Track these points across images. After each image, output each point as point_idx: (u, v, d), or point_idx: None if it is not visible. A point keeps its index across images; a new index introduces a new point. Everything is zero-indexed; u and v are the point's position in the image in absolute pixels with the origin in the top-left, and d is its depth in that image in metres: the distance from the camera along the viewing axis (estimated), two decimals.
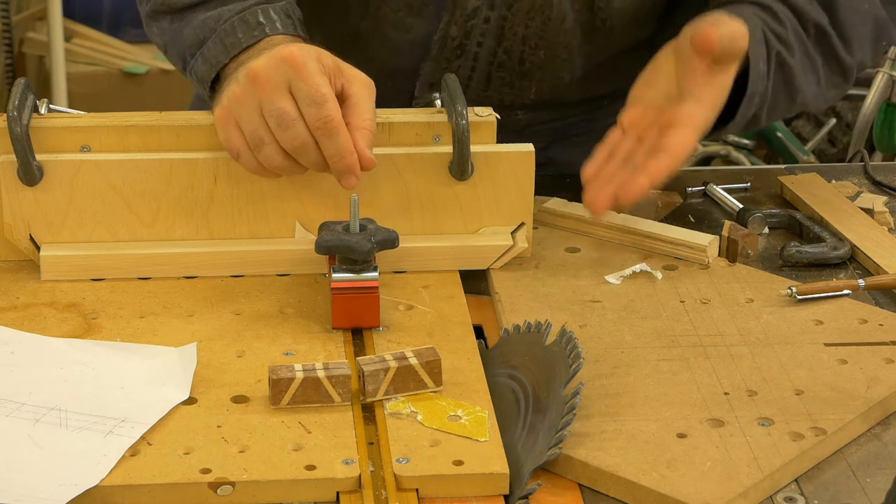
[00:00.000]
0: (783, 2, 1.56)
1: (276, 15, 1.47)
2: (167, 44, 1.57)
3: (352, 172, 1.37)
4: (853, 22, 1.58)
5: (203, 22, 1.50)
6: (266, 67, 1.37)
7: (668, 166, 1.44)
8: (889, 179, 1.72)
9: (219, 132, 1.40)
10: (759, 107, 1.54)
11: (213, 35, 1.48)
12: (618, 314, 1.40)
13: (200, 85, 1.50)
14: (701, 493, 1.14)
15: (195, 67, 1.50)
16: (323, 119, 1.35)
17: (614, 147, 1.49)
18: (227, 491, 1.15)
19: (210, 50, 1.48)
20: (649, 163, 1.44)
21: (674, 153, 1.44)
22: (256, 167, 1.40)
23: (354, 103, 1.39)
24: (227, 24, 1.47)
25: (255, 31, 1.46)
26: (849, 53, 1.58)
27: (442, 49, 1.65)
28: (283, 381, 1.23)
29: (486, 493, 1.16)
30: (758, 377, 1.30)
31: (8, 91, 2.88)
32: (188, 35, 1.51)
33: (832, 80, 1.60)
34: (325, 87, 1.36)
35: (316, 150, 1.37)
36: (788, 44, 1.54)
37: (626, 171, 1.46)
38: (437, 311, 1.40)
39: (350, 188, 1.38)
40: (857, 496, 1.16)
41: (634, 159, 1.47)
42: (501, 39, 1.64)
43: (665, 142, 1.45)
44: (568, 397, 1.20)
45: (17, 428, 1.21)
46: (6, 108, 1.42)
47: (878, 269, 1.50)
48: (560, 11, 1.63)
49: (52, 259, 1.44)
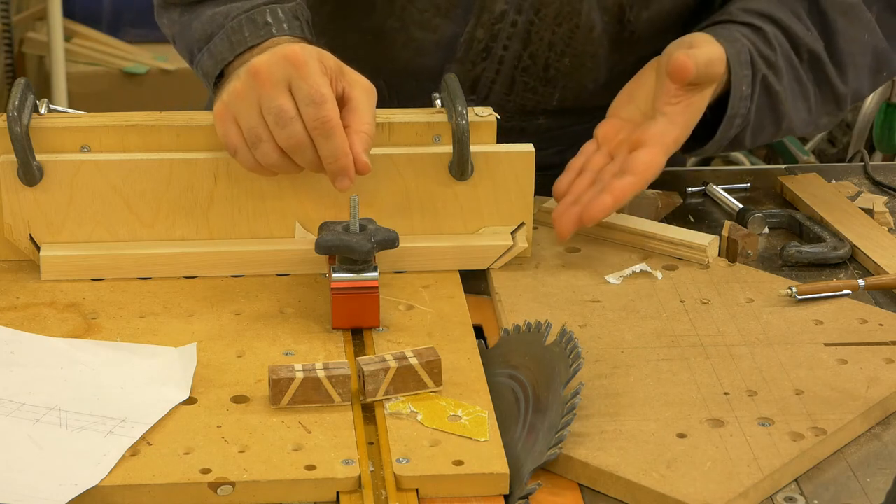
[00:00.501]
0: (779, 26, 1.56)
1: (283, 15, 1.47)
2: (175, 35, 1.57)
3: (346, 174, 1.37)
4: (851, 51, 1.58)
5: (212, 17, 1.50)
6: (268, 64, 1.37)
7: (632, 186, 1.47)
8: (889, 179, 1.72)
9: (217, 127, 1.40)
10: (740, 128, 1.55)
11: (221, 31, 1.48)
12: (618, 314, 1.40)
13: (205, 80, 1.50)
14: (701, 493, 1.14)
15: (201, 62, 1.50)
16: (320, 119, 1.35)
17: (587, 161, 1.52)
18: (227, 491, 1.15)
19: (216, 46, 1.48)
20: (615, 182, 1.46)
21: (639, 173, 1.47)
22: (253, 164, 1.40)
23: (354, 107, 1.39)
24: (234, 21, 1.47)
25: (261, 30, 1.46)
26: (843, 82, 1.58)
27: (467, 51, 1.64)
28: (283, 381, 1.23)
29: (486, 493, 1.16)
30: (758, 377, 1.30)
31: (8, 91, 2.88)
32: (196, 29, 1.51)
33: (825, 107, 1.60)
34: (325, 88, 1.36)
35: (312, 149, 1.37)
36: (776, 68, 1.54)
37: (593, 190, 1.48)
38: (437, 311, 1.40)
39: (343, 190, 1.38)
40: (857, 496, 1.16)
41: (603, 177, 1.49)
42: (528, 44, 1.64)
43: (631, 162, 1.47)
44: (568, 397, 1.20)
45: (17, 428, 1.21)
46: (6, 108, 1.42)
47: (878, 269, 1.50)
48: (589, 20, 1.62)
49: (52, 259, 1.44)
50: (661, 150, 1.49)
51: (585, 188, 1.49)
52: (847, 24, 1.57)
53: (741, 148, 1.60)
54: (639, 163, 1.47)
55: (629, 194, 1.47)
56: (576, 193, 1.49)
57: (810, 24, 1.57)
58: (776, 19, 1.56)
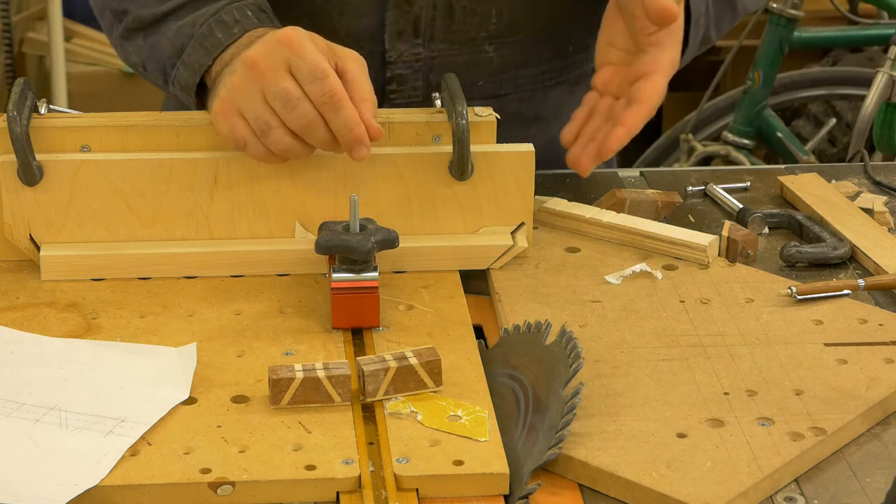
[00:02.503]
0: None
1: (250, 11, 1.48)
2: (145, 60, 1.57)
3: (362, 143, 1.37)
4: None
5: (178, 30, 1.50)
6: (263, 52, 1.38)
7: (641, 113, 1.50)
8: (889, 179, 1.72)
9: (220, 125, 1.40)
10: (706, 27, 1.57)
11: (192, 41, 1.48)
12: (618, 314, 1.40)
13: (185, 93, 1.50)
14: (701, 493, 1.14)
15: (177, 76, 1.50)
16: (328, 94, 1.35)
17: (593, 107, 1.56)
18: (227, 491, 1.15)
19: (191, 55, 1.48)
20: (625, 113, 1.50)
21: (646, 100, 1.50)
22: (264, 153, 1.40)
23: (351, 79, 1.39)
24: (203, 27, 1.48)
25: (233, 28, 1.47)
26: None
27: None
28: (283, 381, 1.23)
29: (486, 493, 1.16)
30: (758, 377, 1.30)
31: (8, 91, 2.88)
32: (165, 46, 1.52)
33: None
34: (325, 63, 1.36)
35: (324, 126, 1.37)
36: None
37: (605, 128, 1.52)
38: (437, 311, 1.40)
39: (361, 159, 1.38)
40: (857, 496, 1.16)
41: (613, 113, 1.52)
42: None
43: (635, 92, 1.50)
44: (568, 397, 1.20)
45: (17, 428, 1.21)
46: (6, 108, 1.42)
47: (878, 269, 1.50)
48: None
49: (52, 259, 1.44)
50: (661, 74, 1.51)
51: (597, 128, 1.53)
52: None
53: (708, 45, 1.64)
54: (642, 90, 1.50)
55: (640, 122, 1.50)
56: (589, 133, 1.53)
57: None
58: None
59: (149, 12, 1.54)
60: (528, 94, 1.75)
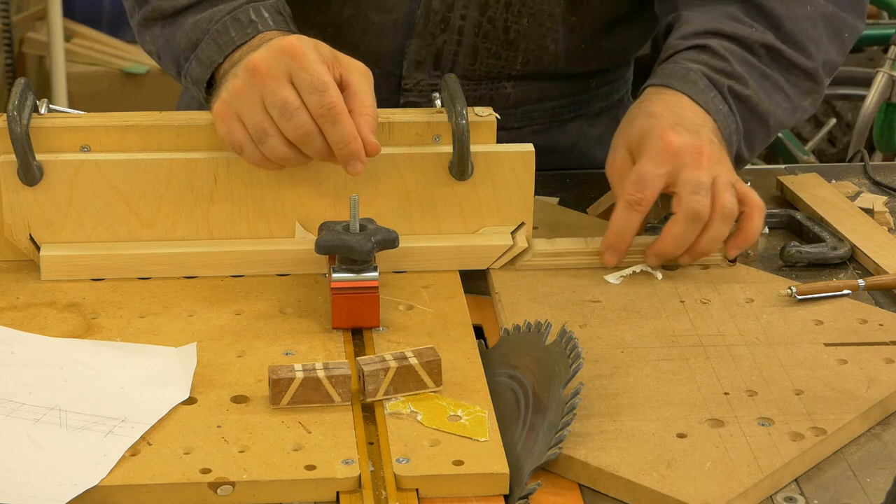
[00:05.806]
0: (722, 36, 1.56)
1: (267, 13, 1.47)
2: (160, 50, 1.57)
3: (357, 158, 1.37)
4: (801, 28, 1.58)
5: (195, 24, 1.50)
6: (266, 59, 1.37)
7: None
8: (889, 179, 1.72)
9: (219, 127, 1.40)
10: (737, 144, 1.54)
11: (206, 36, 1.48)
12: (618, 314, 1.40)
13: (196, 87, 1.50)
14: (701, 493, 1.14)
15: (190, 70, 1.50)
16: (326, 106, 1.35)
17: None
18: (227, 491, 1.15)
19: (204, 51, 1.48)
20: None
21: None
22: (260, 159, 1.40)
23: (354, 91, 1.39)
24: (219, 24, 1.47)
25: (247, 28, 1.46)
26: (808, 58, 1.58)
27: (426, 24, 1.64)
28: (283, 381, 1.23)
29: (486, 493, 1.16)
30: (758, 377, 1.30)
31: (8, 91, 2.88)
32: (181, 39, 1.52)
33: (802, 88, 1.59)
34: (326, 75, 1.36)
35: (320, 138, 1.37)
36: (737, 75, 1.54)
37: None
38: (437, 310, 1.40)
39: (356, 175, 1.38)
40: (857, 496, 1.16)
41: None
42: (485, 9, 1.64)
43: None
44: (568, 397, 1.20)
45: (17, 428, 1.21)
46: (6, 108, 1.42)
47: (878, 269, 1.50)
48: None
49: (52, 259, 1.44)
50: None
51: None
52: (785, 5, 1.58)
53: (744, 165, 1.60)
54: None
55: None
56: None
57: (751, 21, 1.57)
58: (716, 31, 1.56)
59: (169, 4, 1.54)
60: (544, 126, 1.75)
